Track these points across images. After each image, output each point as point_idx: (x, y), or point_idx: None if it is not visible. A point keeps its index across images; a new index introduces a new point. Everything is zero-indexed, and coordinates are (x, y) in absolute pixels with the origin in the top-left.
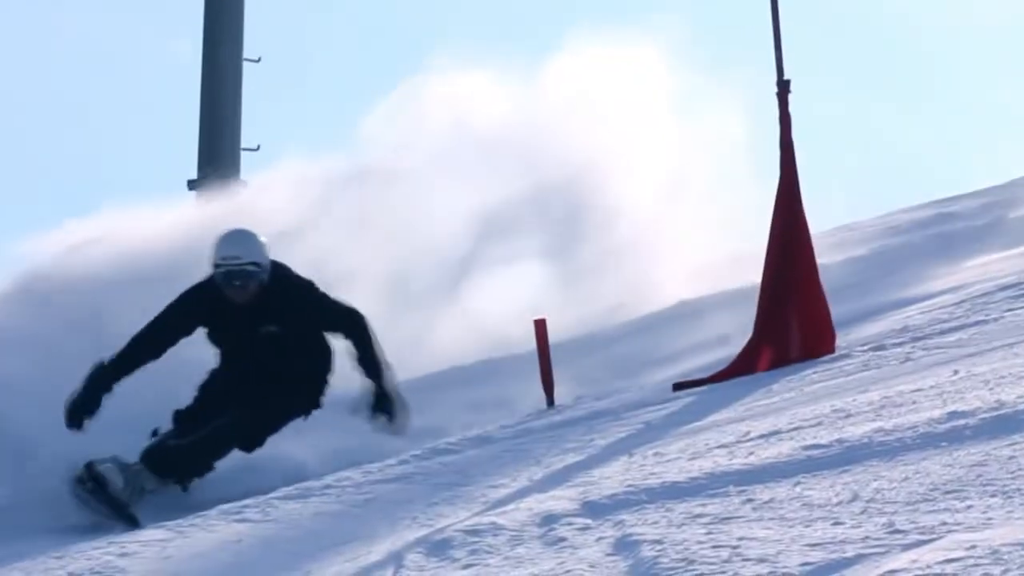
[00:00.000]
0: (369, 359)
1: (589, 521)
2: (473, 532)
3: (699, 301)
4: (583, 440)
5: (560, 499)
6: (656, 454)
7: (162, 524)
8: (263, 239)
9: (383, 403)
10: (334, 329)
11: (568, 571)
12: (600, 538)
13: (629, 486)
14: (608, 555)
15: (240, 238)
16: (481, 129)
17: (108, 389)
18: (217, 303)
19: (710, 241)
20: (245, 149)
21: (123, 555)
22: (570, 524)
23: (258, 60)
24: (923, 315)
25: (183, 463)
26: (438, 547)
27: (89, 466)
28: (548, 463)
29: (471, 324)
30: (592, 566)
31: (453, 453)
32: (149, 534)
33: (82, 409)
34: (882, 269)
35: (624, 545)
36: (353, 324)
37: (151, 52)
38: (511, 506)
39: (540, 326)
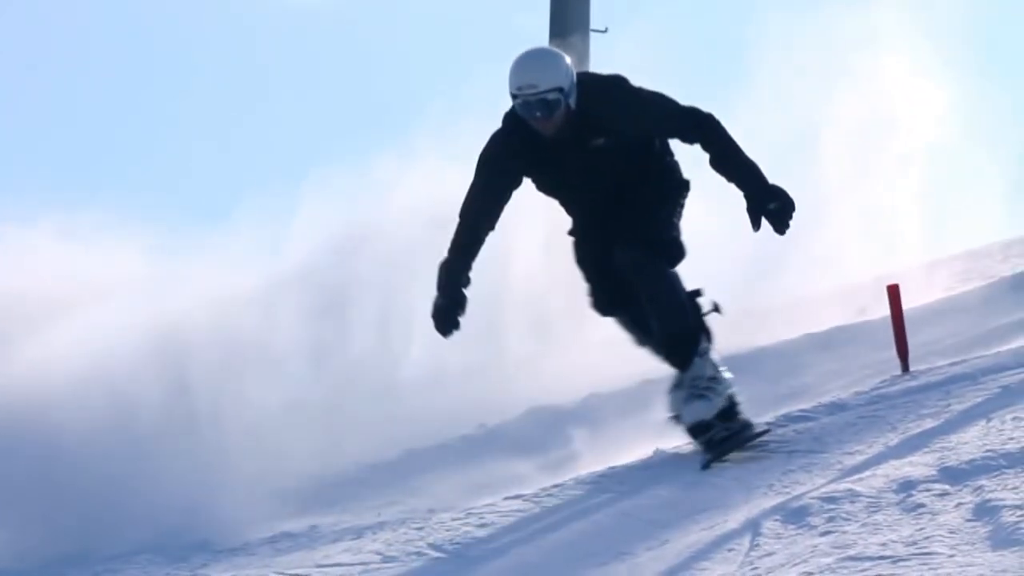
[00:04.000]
0: (722, 162)
1: (947, 487)
2: (830, 499)
3: None
4: (940, 405)
5: (917, 465)
6: (1015, 418)
7: (520, 495)
8: (567, 59)
9: (756, 206)
10: (669, 135)
11: (927, 537)
12: (959, 504)
13: (988, 451)
14: (968, 521)
15: (537, 61)
16: None
17: (466, 282)
18: (529, 135)
19: None
20: None
21: (482, 525)
22: (928, 490)
23: (605, 31)
24: None
25: (683, 336)
26: (795, 514)
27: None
28: (904, 429)
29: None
30: (952, 532)
31: (808, 420)
32: (507, 504)
33: (450, 311)
34: None
35: (984, 511)
36: (691, 126)
37: (495, 25)
38: (868, 473)
39: (893, 291)
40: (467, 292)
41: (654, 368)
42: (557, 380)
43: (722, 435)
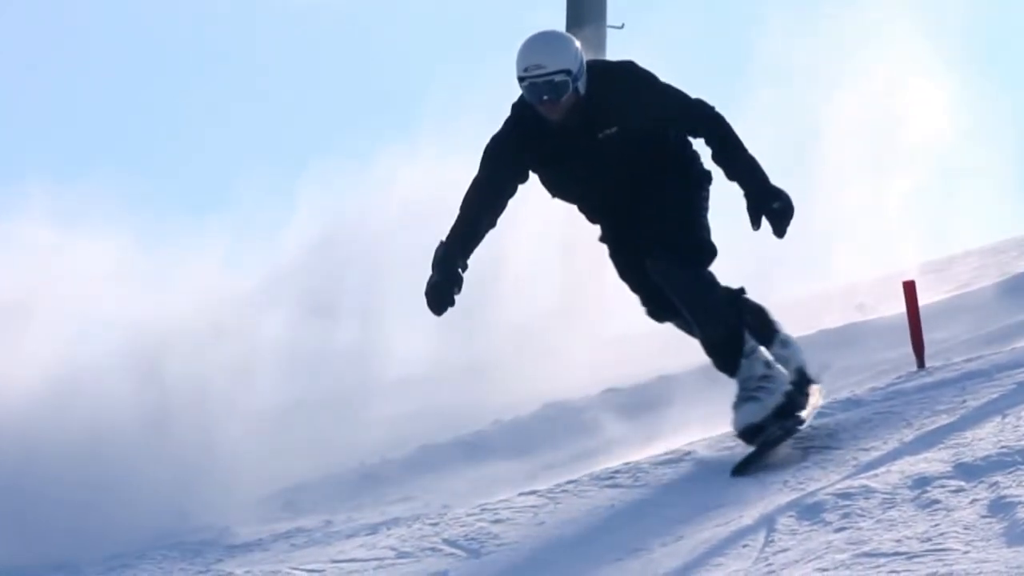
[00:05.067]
0: (726, 156)
1: (963, 483)
2: (845, 495)
3: None
4: (955, 402)
5: (932, 461)
6: None
7: (534, 491)
8: (576, 42)
9: (758, 205)
10: (674, 125)
11: (942, 533)
12: (974, 500)
13: (1003, 447)
14: (983, 517)
15: (545, 43)
16: None
17: (462, 265)
18: (537, 125)
19: None
20: None
21: (497, 521)
22: (943, 486)
23: (621, 26)
24: None
25: (725, 339)
26: (810, 510)
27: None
28: (919, 425)
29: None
30: (967, 528)
31: (822, 416)
32: (522, 500)
33: (444, 288)
34: None
35: (999, 507)
36: (698, 117)
37: (507, 22)
38: (882, 469)
39: (909, 287)
40: (464, 276)
41: (669, 364)
42: (572, 376)
43: (777, 435)
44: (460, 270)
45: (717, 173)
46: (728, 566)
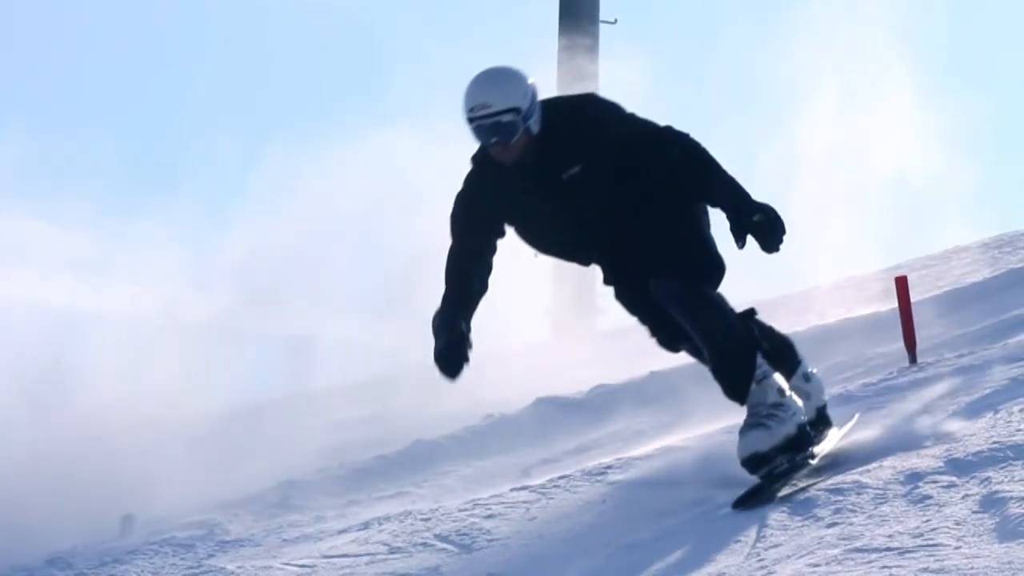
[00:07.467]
0: (702, 179)
1: (954, 478)
2: (836, 491)
3: None
4: (947, 397)
5: (924, 456)
6: (1022, 410)
7: (526, 486)
8: (528, 78)
9: (743, 224)
10: (643, 152)
11: (934, 529)
12: (966, 495)
13: (995, 443)
14: (974, 513)
15: (490, 80)
16: None
17: (466, 328)
18: (499, 174)
19: None
20: None
21: (488, 517)
22: (935, 482)
23: (614, 21)
24: None
25: (735, 361)
26: (801, 506)
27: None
28: (912, 420)
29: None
30: (958, 524)
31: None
32: (514, 496)
33: (453, 349)
34: None
35: (991, 502)
36: (669, 140)
37: (503, 17)
38: (875, 464)
39: (901, 283)
40: (471, 336)
41: (661, 360)
42: (564, 371)
43: (784, 469)
44: (464, 327)
45: None
46: (720, 561)
